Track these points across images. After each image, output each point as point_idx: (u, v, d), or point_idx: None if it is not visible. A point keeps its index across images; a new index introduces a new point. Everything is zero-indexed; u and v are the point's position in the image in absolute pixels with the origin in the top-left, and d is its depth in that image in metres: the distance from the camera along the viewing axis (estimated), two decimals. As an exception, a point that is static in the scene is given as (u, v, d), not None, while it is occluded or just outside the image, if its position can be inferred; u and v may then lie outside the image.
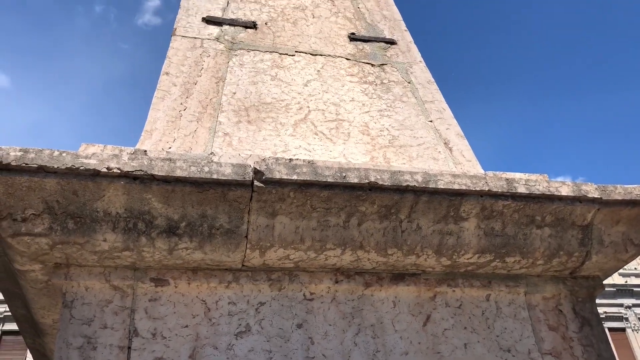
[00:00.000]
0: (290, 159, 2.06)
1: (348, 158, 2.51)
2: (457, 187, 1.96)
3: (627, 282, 25.02)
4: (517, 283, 2.19)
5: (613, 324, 23.61)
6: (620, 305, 24.51)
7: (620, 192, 2.13)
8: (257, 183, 1.81)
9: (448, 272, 2.13)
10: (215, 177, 1.78)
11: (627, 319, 24.27)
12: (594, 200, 2.10)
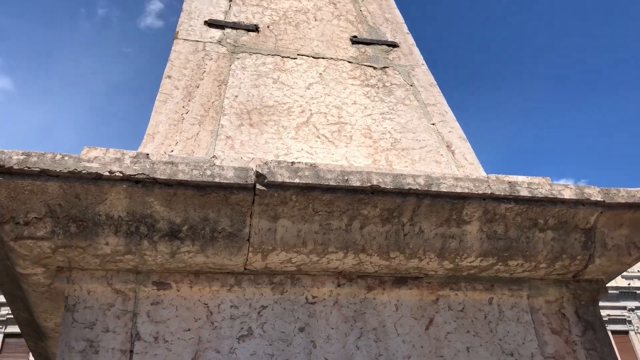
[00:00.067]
0: (293, 162, 2.06)
1: (350, 161, 2.50)
2: (459, 190, 1.96)
3: (630, 284, 24.97)
4: (519, 286, 2.18)
5: (616, 327, 23.56)
6: (624, 308, 24.46)
7: (624, 195, 2.12)
8: (259, 186, 1.81)
9: (450, 275, 2.13)
10: (218, 180, 1.78)
11: (630, 322, 24.21)
12: (597, 204, 2.09)
